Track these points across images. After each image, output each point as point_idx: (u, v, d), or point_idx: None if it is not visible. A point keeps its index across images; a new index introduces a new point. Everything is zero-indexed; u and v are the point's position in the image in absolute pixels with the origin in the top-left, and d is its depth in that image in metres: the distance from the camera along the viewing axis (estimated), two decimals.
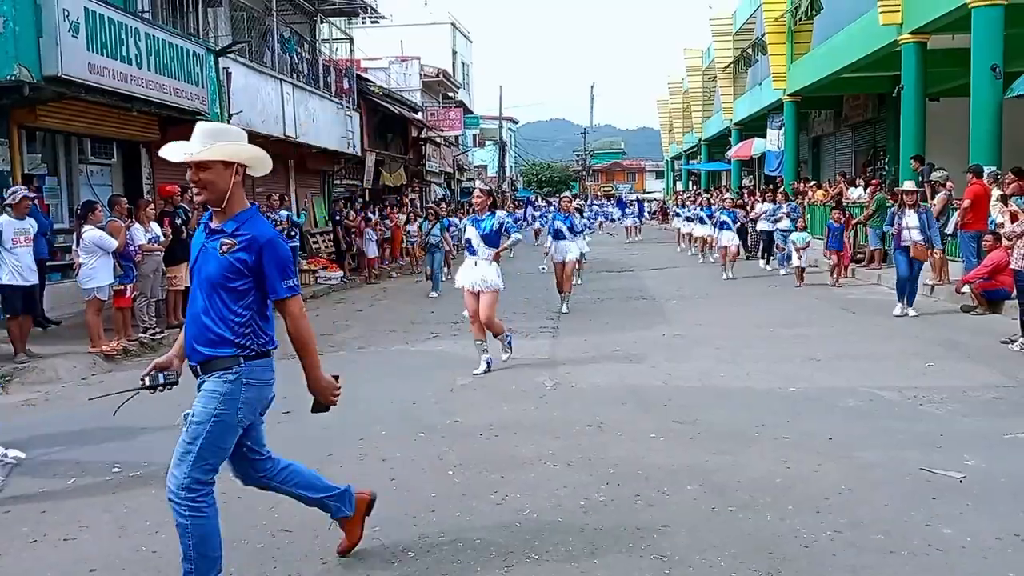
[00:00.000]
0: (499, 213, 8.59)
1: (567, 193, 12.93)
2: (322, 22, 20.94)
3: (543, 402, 7.02)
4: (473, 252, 8.26)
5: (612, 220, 34.37)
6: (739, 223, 18.29)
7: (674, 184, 53.16)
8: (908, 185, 11.49)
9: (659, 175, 70.89)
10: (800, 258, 14.91)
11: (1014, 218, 9.51)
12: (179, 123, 13.22)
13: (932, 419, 6.17)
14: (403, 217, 20.93)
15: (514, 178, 60.12)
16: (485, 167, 51.39)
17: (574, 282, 14.23)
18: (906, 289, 10.98)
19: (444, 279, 15.95)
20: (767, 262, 18.71)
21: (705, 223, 20.67)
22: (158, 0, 13.36)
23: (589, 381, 7.75)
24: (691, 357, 8.75)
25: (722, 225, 17.38)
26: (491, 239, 8.22)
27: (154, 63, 11.31)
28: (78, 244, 9.39)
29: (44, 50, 9.23)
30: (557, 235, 12.41)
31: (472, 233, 8.27)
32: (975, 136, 13.28)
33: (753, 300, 13.47)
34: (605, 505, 4.59)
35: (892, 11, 15.61)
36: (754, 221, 19.86)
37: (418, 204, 22.06)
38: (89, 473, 5.48)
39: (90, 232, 9.27)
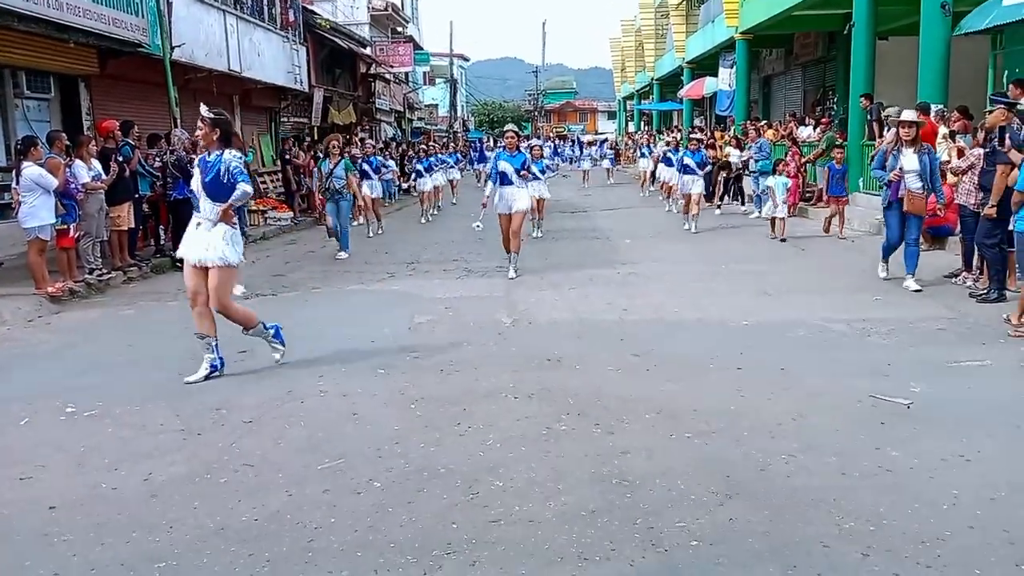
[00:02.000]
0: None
1: (511, 127, 11.23)
2: None
3: (501, 338, 7.05)
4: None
5: (570, 162, 34.17)
6: (707, 167, 16.09)
7: (626, 124, 53.05)
8: (908, 115, 8.90)
9: (611, 116, 70.60)
10: (780, 209, 12.97)
11: (960, 154, 9.69)
12: (119, 55, 12.75)
13: (880, 349, 6.36)
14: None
15: (465, 118, 59.37)
16: (436, 106, 50.60)
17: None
18: (890, 252, 9.02)
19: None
20: (749, 204, 17.20)
21: (671, 164, 17.99)
22: None
23: (546, 317, 7.80)
24: (646, 293, 8.84)
25: (685, 168, 15.21)
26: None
27: None
28: (17, 182, 9.06)
29: None
30: (503, 180, 10.06)
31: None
32: (923, 74, 13.43)
33: (706, 239, 13.63)
34: (566, 434, 4.66)
35: None
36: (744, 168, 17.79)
37: (369, 142, 21.55)
38: (41, 413, 5.37)
39: (30, 169, 8.94)
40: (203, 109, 5.97)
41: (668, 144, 21.33)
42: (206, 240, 5.91)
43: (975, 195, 8.41)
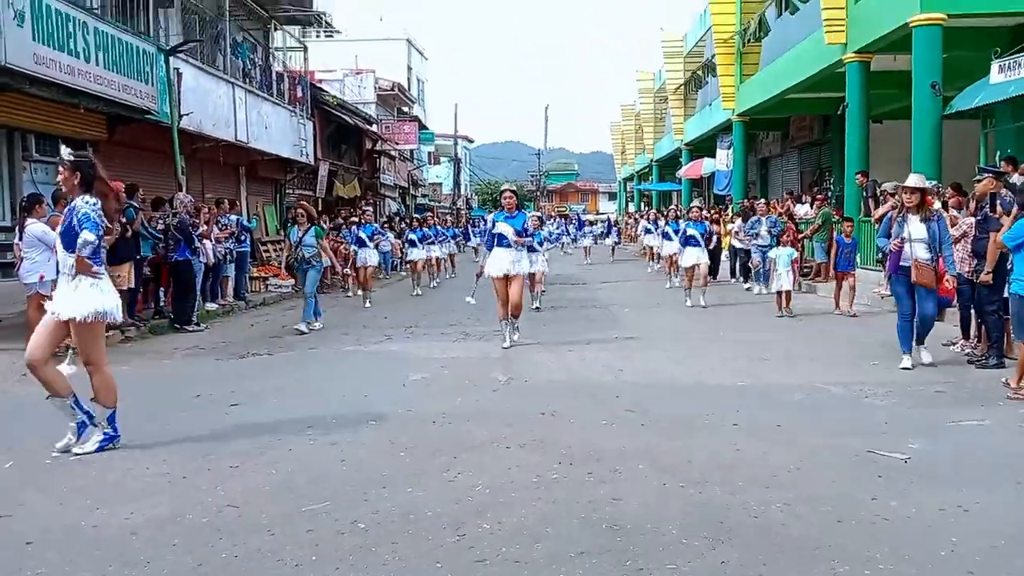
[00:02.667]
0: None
1: (507, 186, 11.38)
2: (276, 29, 20.82)
3: (496, 395, 7.00)
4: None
5: (573, 239, 32.82)
6: (712, 238, 15.40)
7: (626, 205, 53.71)
8: (913, 180, 8.23)
9: (612, 196, 71.59)
10: (783, 280, 12.09)
11: (952, 223, 9.77)
12: (128, 122, 13.02)
13: (877, 410, 6.30)
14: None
15: (469, 196, 60.18)
16: (440, 184, 51.38)
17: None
18: (910, 332, 8.05)
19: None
20: (751, 282, 16.67)
21: (671, 239, 17.12)
22: None
23: (542, 377, 7.75)
24: (643, 357, 8.81)
25: (688, 240, 14.42)
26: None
27: (103, 58, 11.11)
28: (20, 237, 9.14)
29: None
30: (499, 241, 9.52)
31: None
32: (916, 151, 13.67)
33: (707, 311, 13.64)
34: (557, 482, 4.58)
35: (837, 31, 16.05)
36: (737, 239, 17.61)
37: (367, 209, 21.71)
38: (26, 457, 5.29)
39: (33, 226, 9.03)
40: (63, 151, 5.49)
41: (666, 216, 21.04)
42: (67, 294, 5.41)
43: (969, 263, 8.47)
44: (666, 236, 18.05)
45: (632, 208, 47.27)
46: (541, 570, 3.43)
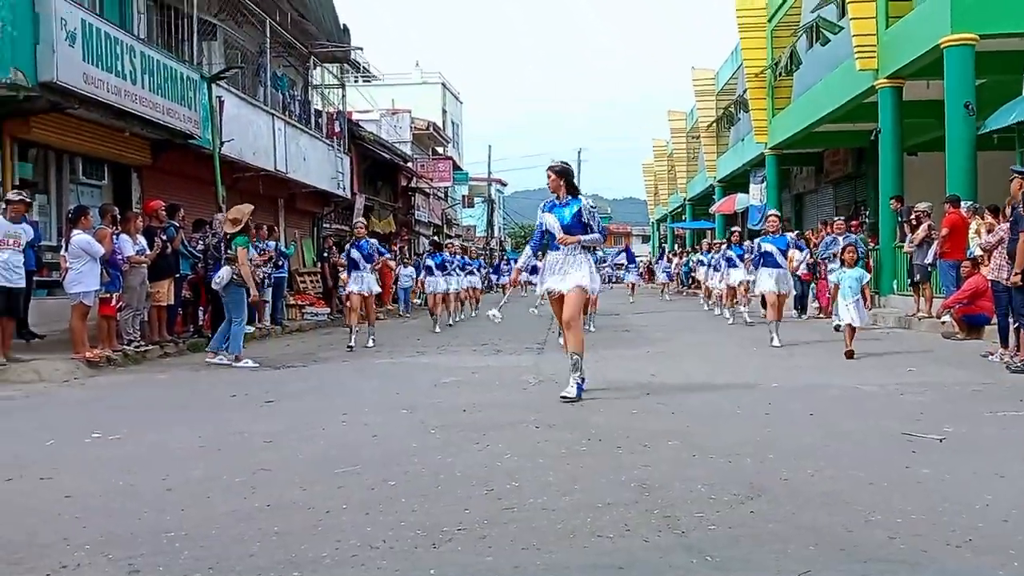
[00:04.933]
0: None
1: (554, 162, 6.97)
2: (315, 67, 21.36)
3: (526, 392, 7.03)
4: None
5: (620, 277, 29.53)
6: (803, 253, 12.90)
7: (660, 246, 53.64)
8: None
9: (645, 239, 71.60)
10: (852, 312, 9.00)
11: (989, 230, 9.67)
12: (171, 147, 13.41)
13: (913, 404, 6.20)
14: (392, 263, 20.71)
15: (502, 239, 60.55)
16: (474, 227, 51.83)
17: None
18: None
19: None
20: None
21: (737, 266, 14.86)
22: (153, 26, 13.67)
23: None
24: (675, 365, 8.79)
25: (730, 261, 14.38)
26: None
27: (148, 82, 11.50)
28: (66, 248, 9.41)
29: (40, 57, 9.39)
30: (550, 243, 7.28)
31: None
32: (951, 174, 13.58)
33: (745, 331, 13.56)
34: (587, 452, 4.59)
35: (868, 57, 16.13)
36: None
37: (360, 221, 18.23)
38: (67, 436, 5.43)
39: (79, 236, 9.30)
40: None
41: (729, 240, 16.85)
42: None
43: (1007, 269, 8.36)
44: (730, 262, 15.22)
45: (666, 248, 47.19)
46: (568, 517, 3.44)
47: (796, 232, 15.32)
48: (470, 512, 3.51)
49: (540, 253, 7.19)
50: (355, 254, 12.14)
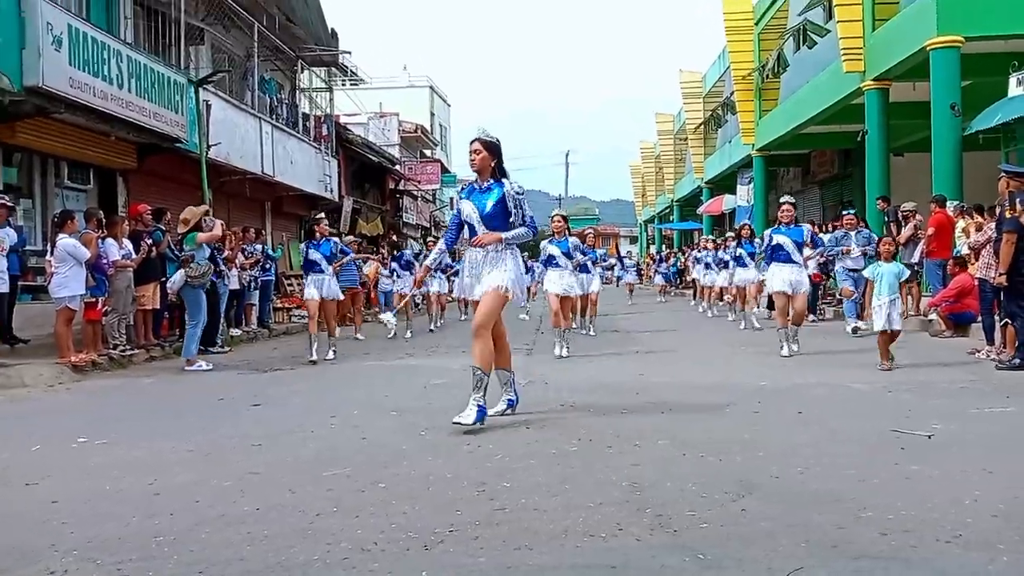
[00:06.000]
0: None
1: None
2: (303, 71, 21.31)
3: None
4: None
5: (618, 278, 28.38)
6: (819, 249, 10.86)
7: (647, 247, 53.74)
8: None
9: (633, 240, 71.69)
10: (892, 315, 7.88)
11: (979, 229, 9.73)
12: (157, 151, 13.34)
13: (901, 401, 6.23)
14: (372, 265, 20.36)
15: None
16: None
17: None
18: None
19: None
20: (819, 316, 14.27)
21: (747, 265, 13.89)
22: (140, 30, 13.60)
23: (562, 379, 7.76)
24: (663, 364, 8.80)
25: (740, 260, 13.79)
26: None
27: (135, 86, 11.45)
28: (52, 252, 9.34)
29: (26, 61, 9.34)
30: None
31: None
32: (937, 174, 13.67)
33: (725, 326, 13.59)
34: (577, 453, 4.58)
35: (855, 59, 16.22)
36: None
37: (320, 216, 17.07)
38: (53, 442, 5.38)
39: (64, 240, 9.24)
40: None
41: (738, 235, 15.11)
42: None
43: (994, 268, 8.41)
44: (739, 261, 14.21)
45: (653, 250, 47.29)
46: (560, 517, 3.43)
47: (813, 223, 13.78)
48: (461, 513, 3.50)
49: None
50: (314, 255, 10.66)
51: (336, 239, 11.70)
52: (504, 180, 5.59)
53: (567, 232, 10.61)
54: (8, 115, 10.15)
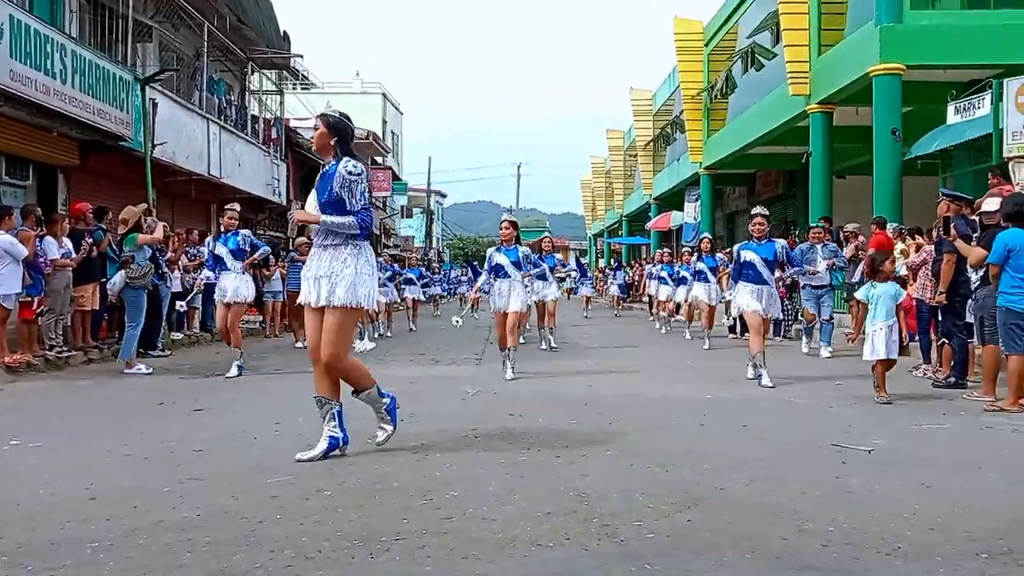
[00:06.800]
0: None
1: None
2: (253, 72, 21.03)
3: (464, 404, 6.98)
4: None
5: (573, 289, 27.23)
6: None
7: (596, 260, 54.19)
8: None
9: (583, 253, 72.23)
10: (889, 342, 7.12)
11: (917, 249, 9.97)
12: (100, 148, 13.01)
13: (842, 416, 6.36)
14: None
15: (440, 250, 60.41)
16: (412, 237, 51.58)
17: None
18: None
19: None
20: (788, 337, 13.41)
21: (708, 280, 13.34)
22: (86, 25, 13.28)
23: (510, 390, 7.77)
24: (612, 378, 8.84)
25: (699, 275, 13.16)
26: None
27: (79, 82, 11.16)
28: None
29: None
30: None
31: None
32: (878, 197, 14.07)
33: (677, 341, 13.73)
34: (526, 463, 4.57)
35: (800, 83, 16.63)
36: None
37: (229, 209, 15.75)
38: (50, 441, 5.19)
39: (1, 237, 8.94)
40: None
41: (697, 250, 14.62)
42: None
43: (931, 289, 8.66)
44: (699, 276, 13.55)
45: (602, 263, 47.67)
46: (508, 527, 3.41)
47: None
48: (408, 522, 3.46)
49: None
50: (220, 249, 9.36)
51: (247, 231, 9.96)
52: (340, 160, 4.81)
53: (516, 240, 9.13)
54: None
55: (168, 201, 16.54)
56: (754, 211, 9.08)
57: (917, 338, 9.69)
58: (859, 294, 7.64)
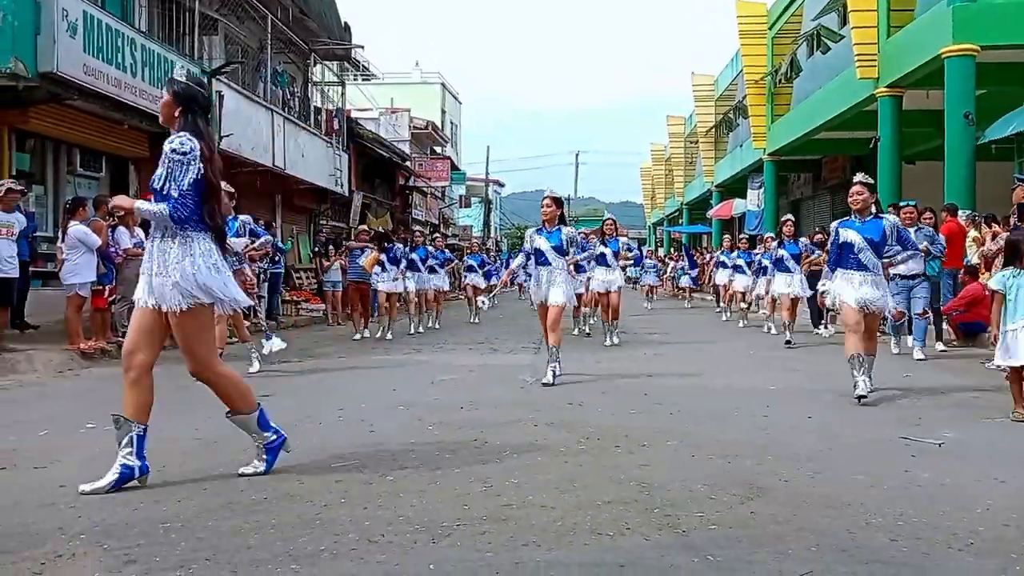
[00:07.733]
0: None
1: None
2: (315, 64, 21.32)
3: (523, 391, 7.01)
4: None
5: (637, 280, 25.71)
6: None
7: (656, 249, 53.72)
8: None
9: (642, 243, 71.74)
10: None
11: (994, 237, 9.65)
12: None
13: (911, 408, 6.20)
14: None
15: (499, 239, 60.56)
16: (471, 226, 51.82)
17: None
18: None
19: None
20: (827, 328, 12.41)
21: (790, 270, 12.08)
22: (154, 19, 13.63)
23: (569, 378, 7.74)
24: (672, 366, 8.78)
25: (779, 263, 11.95)
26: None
27: (148, 75, 11.46)
28: (62, 239, 9.37)
29: (41, 47, 9.37)
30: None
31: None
32: (950, 183, 13.61)
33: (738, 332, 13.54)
34: (585, 451, 4.56)
35: (869, 66, 16.16)
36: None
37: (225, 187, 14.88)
38: (62, 427, 5.39)
39: (75, 227, 9.26)
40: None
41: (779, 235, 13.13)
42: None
43: None
44: (779, 264, 12.26)
45: (662, 252, 47.26)
46: (568, 515, 3.41)
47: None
48: (469, 508, 3.48)
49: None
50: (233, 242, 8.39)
51: (246, 216, 9.58)
52: (562, 227, 4.84)
53: (561, 221, 7.88)
54: (22, 101, 10.18)
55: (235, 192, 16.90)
56: (856, 178, 7.00)
57: (990, 329, 9.36)
58: (993, 283, 6.32)
